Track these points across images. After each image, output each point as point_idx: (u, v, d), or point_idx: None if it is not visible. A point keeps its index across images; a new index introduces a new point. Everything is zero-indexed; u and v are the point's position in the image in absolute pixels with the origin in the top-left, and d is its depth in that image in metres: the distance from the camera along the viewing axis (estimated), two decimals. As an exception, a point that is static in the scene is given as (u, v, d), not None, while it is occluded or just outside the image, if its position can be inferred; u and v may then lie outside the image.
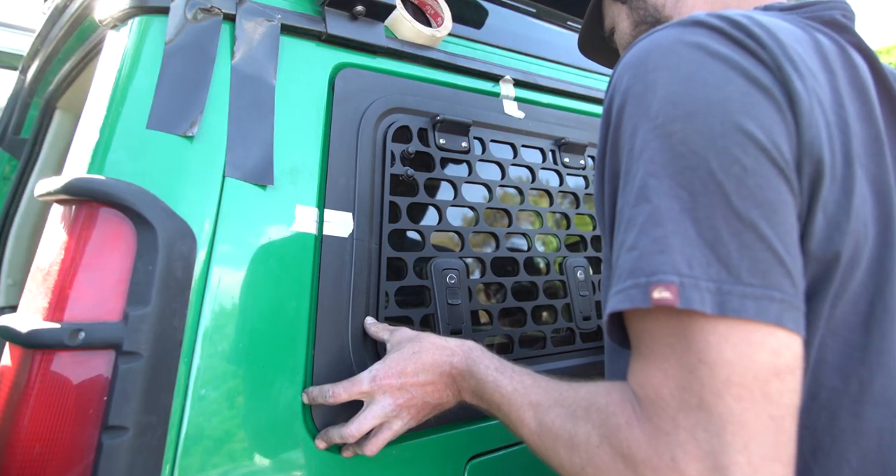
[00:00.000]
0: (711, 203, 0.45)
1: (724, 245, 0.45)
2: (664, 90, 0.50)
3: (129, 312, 0.64)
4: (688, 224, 0.46)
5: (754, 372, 0.43)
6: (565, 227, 1.13)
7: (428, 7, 1.05)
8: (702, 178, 0.46)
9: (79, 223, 0.66)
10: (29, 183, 1.60)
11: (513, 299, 0.99)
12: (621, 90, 0.54)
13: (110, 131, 0.70)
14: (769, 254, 0.45)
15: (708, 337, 0.44)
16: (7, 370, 0.63)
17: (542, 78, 1.16)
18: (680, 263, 0.45)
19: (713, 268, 0.44)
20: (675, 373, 0.45)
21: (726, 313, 0.43)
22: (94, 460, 0.61)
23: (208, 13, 0.78)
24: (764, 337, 0.44)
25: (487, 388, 0.66)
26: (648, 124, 0.50)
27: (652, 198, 0.48)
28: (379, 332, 0.81)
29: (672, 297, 0.44)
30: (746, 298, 0.44)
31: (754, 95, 0.48)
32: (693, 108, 0.48)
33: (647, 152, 0.49)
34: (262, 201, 0.78)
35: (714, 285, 0.44)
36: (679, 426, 0.44)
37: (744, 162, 0.46)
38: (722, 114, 0.47)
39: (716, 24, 0.52)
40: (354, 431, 0.71)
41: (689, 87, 0.49)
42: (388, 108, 0.92)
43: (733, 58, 0.50)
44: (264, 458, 0.73)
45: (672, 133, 0.48)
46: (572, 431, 0.52)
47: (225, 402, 0.70)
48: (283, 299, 0.77)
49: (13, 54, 2.08)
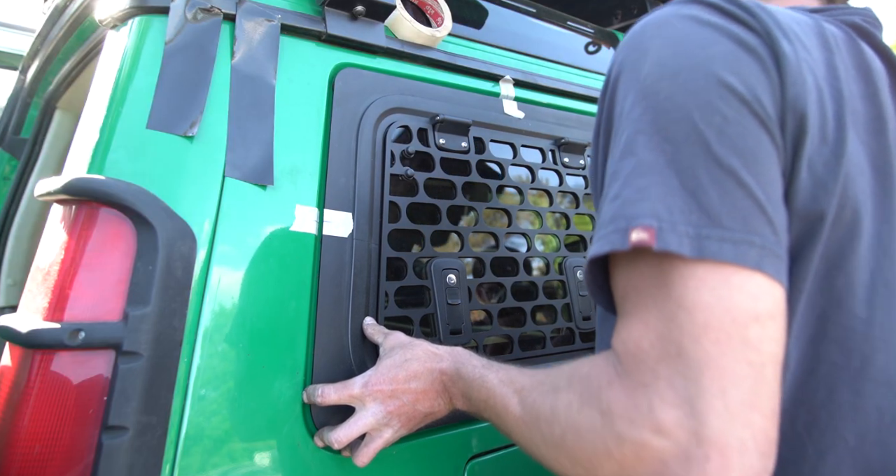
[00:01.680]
0: (693, 152, 0.46)
1: (704, 192, 0.45)
2: (654, 55, 0.52)
3: (129, 312, 0.64)
4: (670, 174, 0.47)
5: (733, 315, 0.43)
6: (565, 227, 1.13)
7: (428, 7, 1.05)
8: (684, 130, 0.47)
9: (79, 223, 0.66)
10: (29, 183, 1.60)
11: (513, 299, 0.99)
12: (618, 62, 0.56)
13: (110, 131, 0.70)
14: (749, 201, 0.45)
15: (687, 282, 0.44)
16: (7, 370, 0.63)
17: (542, 78, 1.16)
18: (660, 209, 0.45)
19: (694, 214, 0.45)
20: (655, 323, 0.45)
21: (704, 255, 0.44)
22: (94, 460, 0.61)
23: (208, 13, 0.78)
24: (743, 281, 0.44)
25: (474, 386, 0.65)
26: (637, 86, 0.51)
27: (637, 151, 0.49)
28: (374, 335, 0.80)
29: (649, 238, 0.45)
30: (725, 242, 0.44)
31: (739, 54, 0.50)
32: (678, 67, 0.50)
33: (636, 111, 0.50)
34: (262, 201, 0.78)
35: (693, 230, 0.44)
36: (658, 376, 0.44)
37: (725, 112, 0.47)
38: (705, 70, 0.49)
39: (710, 0, 0.54)
40: (342, 436, 0.71)
41: (677, 49, 0.51)
42: (387, 108, 0.93)
43: (722, 24, 0.52)
44: (264, 457, 0.73)
45: (658, 91, 0.50)
46: (554, 403, 0.52)
47: (225, 402, 0.70)
48: (283, 299, 0.77)
49: (13, 54, 2.08)
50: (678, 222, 0.45)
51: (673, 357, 0.43)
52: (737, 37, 0.51)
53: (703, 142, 0.46)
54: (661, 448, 0.42)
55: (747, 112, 0.48)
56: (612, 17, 1.58)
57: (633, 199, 0.47)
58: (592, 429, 0.46)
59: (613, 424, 0.45)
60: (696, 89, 0.48)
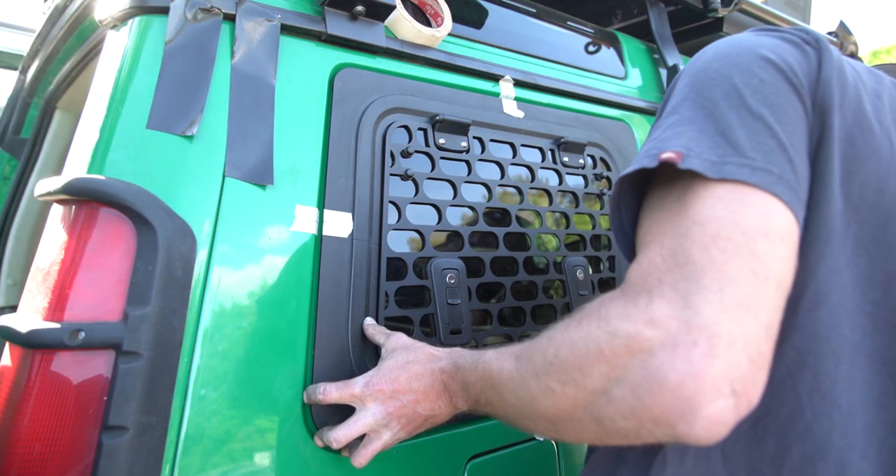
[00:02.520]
0: (730, 104, 0.52)
1: (733, 131, 0.50)
2: (711, 50, 0.59)
3: (129, 312, 0.64)
4: (707, 121, 0.52)
5: (744, 228, 0.45)
6: (565, 227, 1.13)
7: (428, 7, 1.05)
8: (724, 89, 0.54)
9: (79, 223, 0.66)
10: (29, 183, 1.60)
11: (513, 299, 0.99)
12: (678, 76, 0.62)
13: (110, 131, 0.70)
14: (774, 141, 0.50)
15: (704, 200, 0.48)
16: (7, 370, 0.63)
17: (542, 78, 1.16)
18: (692, 144, 0.51)
19: (720, 148, 0.50)
20: (670, 241, 0.48)
21: (724, 176, 0.48)
22: (94, 460, 0.61)
23: (208, 13, 0.78)
24: (757, 200, 0.47)
25: (470, 369, 0.65)
26: (691, 71, 0.59)
27: (681, 110, 0.55)
28: (375, 335, 0.80)
29: (676, 157, 0.49)
30: (745, 167, 0.48)
31: (785, 46, 0.56)
32: (728, 52, 0.57)
33: (685, 88, 0.57)
34: (262, 201, 0.78)
35: (718, 157, 0.49)
36: (663, 282, 0.45)
37: (762, 76, 0.53)
38: (751, 50, 0.56)
39: (772, 33, 0.60)
40: (341, 436, 0.71)
41: (731, 42, 0.59)
42: (387, 108, 0.93)
43: (777, 33, 0.59)
44: (264, 457, 0.73)
45: (707, 69, 0.57)
46: (551, 334, 0.52)
47: (225, 402, 0.70)
48: (283, 299, 0.77)
49: (13, 54, 2.08)
50: (705, 152, 0.49)
51: (680, 265, 0.45)
52: (786, 37, 0.58)
53: (739, 96, 0.52)
54: (651, 337, 0.43)
55: (783, 79, 0.54)
56: (612, 17, 1.58)
57: (668, 137, 0.53)
58: (587, 334, 0.47)
59: (609, 324, 0.46)
60: (740, 62, 0.55)
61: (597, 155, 1.20)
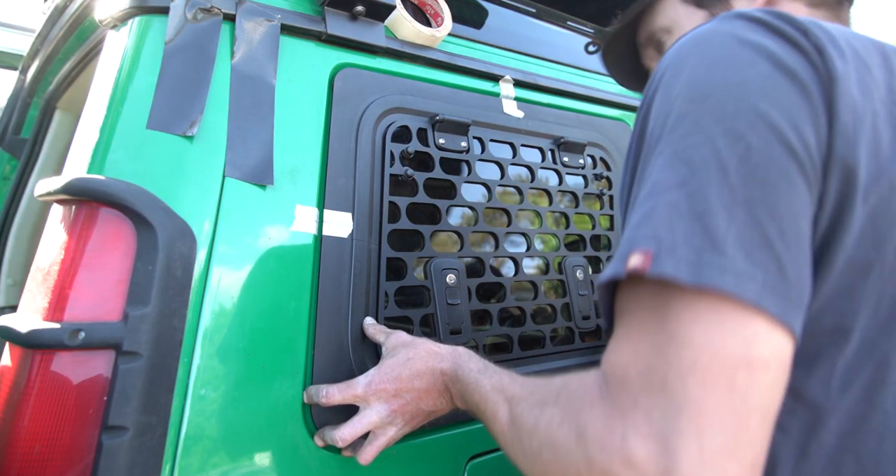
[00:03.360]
0: (709, 178, 0.44)
1: (712, 216, 0.43)
2: (688, 75, 0.50)
3: (129, 312, 0.64)
4: (681, 196, 0.45)
5: (722, 359, 0.41)
6: (564, 227, 1.13)
7: (428, 7, 1.05)
8: (704, 155, 0.45)
9: (79, 223, 0.66)
10: (29, 183, 1.60)
11: (512, 299, 1.00)
12: (655, 80, 0.54)
13: (110, 131, 0.70)
14: (758, 234, 0.43)
15: (681, 314, 0.42)
16: (7, 370, 0.63)
17: (542, 78, 1.16)
18: (662, 230, 0.44)
19: (697, 239, 0.43)
20: (645, 352, 0.44)
21: (701, 282, 0.41)
22: (94, 460, 0.61)
23: (208, 13, 0.78)
24: (738, 322, 0.41)
25: (469, 389, 0.66)
26: (668, 107, 0.50)
27: (655, 173, 0.48)
28: (375, 334, 0.80)
29: (643, 263, 0.43)
30: (726, 273, 0.41)
31: (776, 79, 0.47)
32: (710, 90, 0.48)
33: (665, 135, 0.49)
34: (262, 201, 0.78)
35: (694, 254, 0.42)
36: (638, 406, 0.42)
37: (749, 140, 0.45)
38: (737, 95, 0.47)
39: (756, 15, 0.51)
40: (347, 435, 0.71)
41: (711, 71, 0.49)
42: (387, 108, 0.93)
43: (763, 43, 0.49)
44: (264, 457, 0.73)
45: (686, 113, 0.48)
46: (538, 417, 0.51)
47: (225, 402, 0.70)
48: (283, 299, 0.77)
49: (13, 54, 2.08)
50: (679, 245, 0.43)
51: (656, 390, 0.42)
52: (777, 59, 0.48)
53: (722, 169, 0.44)
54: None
55: (776, 141, 0.45)
56: (611, 17, 1.58)
57: (640, 223, 0.46)
58: (567, 448, 0.46)
59: (587, 447, 0.44)
60: (724, 115, 0.46)
61: (597, 155, 1.20)
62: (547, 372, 0.99)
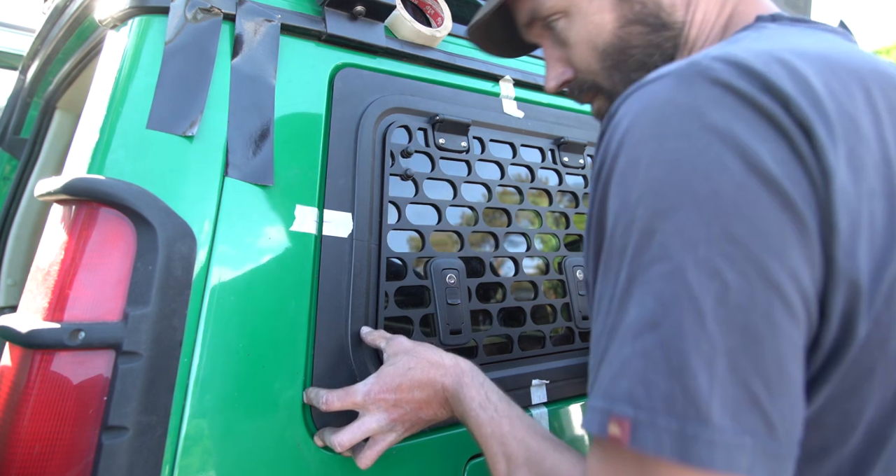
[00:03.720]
0: (683, 321, 0.38)
1: (692, 375, 0.38)
2: (646, 173, 0.42)
3: (128, 312, 0.64)
4: (654, 344, 0.39)
5: None
6: (564, 227, 1.13)
7: (428, 7, 1.05)
8: (675, 292, 0.39)
9: (79, 223, 0.66)
10: (29, 183, 1.60)
11: (512, 299, 1.00)
12: (609, 157, 0.46)
13: (110, 131, 0.70)
14: (743, 391, 0.37)
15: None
16: (7, 370, 0.63)
17: (542, 78, 1.16)
18: (638, 391, 0.39)
19: (678, 402, 0.38)
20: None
21: (686, 460, 0.37)
22: (94, 460, 0.61)
23: (208, 13, 0.78)
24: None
25: (469, 422, 0.66)
26: (628, 214, 0.43)
27: (627, 304, 0.42)
28: (375, 340, 0.80)
29: (622, 435, 0.39)
30: (715, 446, 0.37)
31: (753, 190, 0.39)
32: (675, 203, 0.40)
33: (629, 249, 0.43)
34: (262, 201, 0.78)
35: (676, 424, 0.37)
36: None
37: (726, 277, 0.38)
38: (708, 214, 0.39)
39: (723, 78, 0.42)
40: (346, 441, 0.71)
41: (674, 172, 0.41)
42: (387, 108, 0.93)
43: (735, 133, 0.40)
44: (264, 458, 0.73)
45: (651, 232, 0.41)
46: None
47: (225, 402, 0.70)
48: (283, 299, 0.77)
49: (13, 54, 2.08)
50: (659, 411, 0.38)
51: None
52: (753, 160, 0.40)
53: (697, 310, 0.38)
54: None
55: (757, 277, 0.38)
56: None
57: (616, 372, 0.41)
58: None
59: None
60: (694, 240, 0.39)
61: (597, 155, 1.20)
62: (547, 372, 0.99)
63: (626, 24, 0.62)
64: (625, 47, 0.63)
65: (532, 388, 0.96)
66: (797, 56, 0.45)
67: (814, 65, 0.45)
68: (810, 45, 0.49)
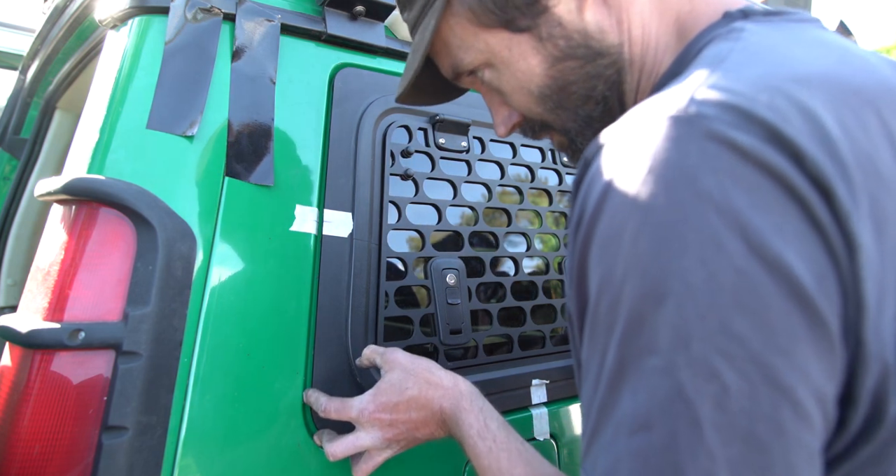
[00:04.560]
0: (677, 430, 0.34)
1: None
2: (631, 247, 0.37)
3: (128, 312, 0.64)
4: (648, 448, 0.35)
5: None
6: (564, 227, 1.13)
7: (428, 7, 1.05)
8: (668, 393, 0.34)
9: (79, 223, 0.66)
10: (29, 183, 1.60)
11: (512, 299, 1.00)
12: (587, 214, 0.41)
13: (110, 131, 0.70)
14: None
15: None
16: (7, 370, 0.63)
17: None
18: None
19: None
20: None
21: None
22: (94, 460, 0.61)
23: (208, 13, 0.78)
24: None
25: (466, 449, 0.66)
26: (613, 291, 0.38)
27: (622, 391, 0.37)
28: (371, 356, 0.77)
29: None
30: None
31: (754, 274, 0.33)
32: (665, 288, 0.35)
33: (617, 330, 0.38)
34: (262, 201, 0.78)
35: None
36: None
37: (725, 380, 0.33)
38: (703, 303, 0.34)
39: (717, 129, 0.36)
40: (339, 453, 0.70)
41: (663, 250, 0.35)
42: (387, 108, 0.93)
43: (732, 202, 0.34)
44: (264, 458, 0.73)
45: (641, 318, 0.36)
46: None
47: (225, 402, 0.70)
48: (283, 299, 0.77)
49: (13, 54, 2.08)
50: None
51: None
52: (757, 236, 0.34)
53: (692, 418, 0.33)
54: None
55: (762, 381, 0.33)
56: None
57: (610, 467, 0.37)
58: None
59: None
60: (688, 335, 0.34)
61: (597, 155, 1.20)
62: (547, 372, 0.99)
63: (556, 63, 0.57)
64: (562, 85, 0.58)
65: (532, 388, 0.96)
66: (800, 83, 0.39)
67: (820, 92, 0.39)
68: (806, 58, 0.43)
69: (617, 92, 0.58)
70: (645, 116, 0.40)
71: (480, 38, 0.58)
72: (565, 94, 0.58)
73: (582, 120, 0.60)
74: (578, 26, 0.54)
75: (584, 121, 0.60)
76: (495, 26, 0.56)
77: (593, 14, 0.54)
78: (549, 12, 0.54)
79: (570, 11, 0.54)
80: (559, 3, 0.54)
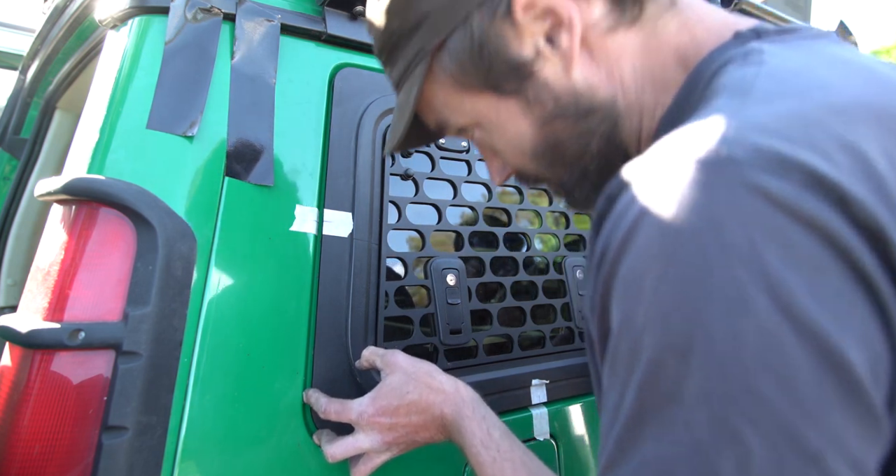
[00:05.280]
0: None
1: None
2: (652, 295, 0.35)
3: (129, 312, 0.64)
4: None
5: None
6: (564, 227, 1.13)
7: (428, 7, 1.05)
8: (689, 451, 0.32)
9: (79, 223, 0.66)
10: (29, 183, 1.60)
11: (512, 299, 1.00)
12: (611, 251, 0.39)
13: (110, 131, 0.70)
14: None
15: None
16: (7, 370, 0.63)
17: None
18: None
19: None
20: None
21: None
22: (94, 460, 0.61)
23: (208, 13, 0.78)
24: None
25: (469, 458, 0.66)
26: (632, 337, 0.36)
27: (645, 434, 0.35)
28: (371, 358, 0.77)
29: None
30: None
31: (782, 335, 0.31)
32: (687, 342, 0.32)
33: (637, 374, 0.35)
34: (262, 201, 0.78)
35: None
36: None
37: (750, 445, 0.30)
38: (726, 362, 0.31)
39: (749, 175, 0.32)
40: (338, 454, 0.70)
41: (685, 302, 0.33)
42: (387, 108, 0.93)
43: (761, 256, 0.31)
44: (264, 457, 0.73)
45: (661, 366, 0.34)
46: None
47: (225, 402, 0.70)
48: (283, 299, 0.77)
49: (13, 54, 2.08)
50: None
51: None
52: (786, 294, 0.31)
53: None
54: None
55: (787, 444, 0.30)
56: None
57: None
58: None
59: None
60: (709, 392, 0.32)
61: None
62: (547, 372, 0.99)
63: (546, 124, 0.54)
64: (554, 144, 0.55)
65: (532, 388, 0.96)
66: (838, 114, 0.36)
67: (860, 123, 0.35)
68: (835, 82, 0.40)
69: (615, 143, 0.55)
70: (673, 156, 0.37)
71: (467, 102, 0.56)
72: (559, 151, 0.56)
73: (578, 174, 0.58)
74: (566, 86, 0.52)
75: (580, 175, 0.58)
76: (481, 91, 0.54)
77: (581, 71, 0.51)
78: (535, 75, 0.52)
79: (557, 72, 0.51)
80: (545, 65, 0.51)
